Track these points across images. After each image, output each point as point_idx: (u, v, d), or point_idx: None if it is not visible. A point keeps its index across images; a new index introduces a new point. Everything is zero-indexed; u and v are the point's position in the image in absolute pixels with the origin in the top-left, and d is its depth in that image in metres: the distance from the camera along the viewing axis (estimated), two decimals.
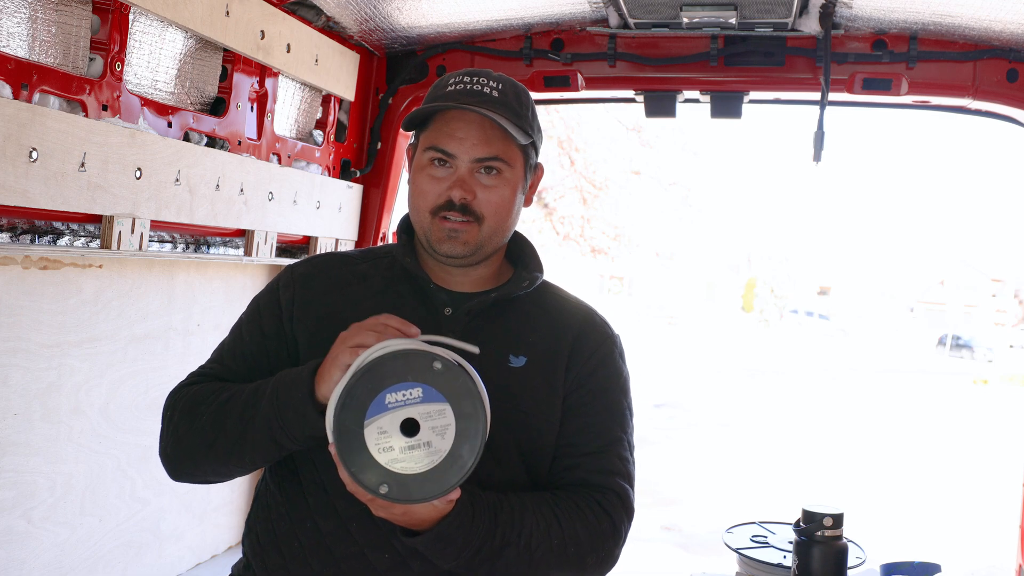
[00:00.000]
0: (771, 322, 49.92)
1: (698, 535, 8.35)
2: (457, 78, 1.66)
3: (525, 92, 1.70)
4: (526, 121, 1.67)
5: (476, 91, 1.63)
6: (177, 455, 1.60)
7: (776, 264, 53.79)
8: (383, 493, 1.32)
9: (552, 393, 1.67)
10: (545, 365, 1.68)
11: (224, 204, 2.35)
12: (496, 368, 1.62)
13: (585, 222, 20.25)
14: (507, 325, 1.69)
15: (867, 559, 2.43)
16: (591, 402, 1.69)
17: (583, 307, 1.80)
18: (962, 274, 55.76)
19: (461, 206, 1.61)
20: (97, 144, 1.87)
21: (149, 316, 2.34)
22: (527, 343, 1.68)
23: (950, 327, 45.31)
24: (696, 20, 2.62)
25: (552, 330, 1.71)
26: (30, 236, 1.89)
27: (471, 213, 1.62)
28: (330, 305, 1.67)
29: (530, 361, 1.67)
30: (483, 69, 1.70)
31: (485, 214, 1.63)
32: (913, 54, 2.72)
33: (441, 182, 1.62)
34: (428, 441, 1.33)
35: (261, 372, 1.64)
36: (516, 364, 1.66)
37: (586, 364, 1.70)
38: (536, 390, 1.66)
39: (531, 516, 1.54)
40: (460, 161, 1.61)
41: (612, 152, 19.50)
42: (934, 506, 10.12)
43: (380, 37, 2.87)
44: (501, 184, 1.63)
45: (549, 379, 1.67)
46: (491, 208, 1.63)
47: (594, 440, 1.67)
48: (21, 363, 1.92)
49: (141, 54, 2.07)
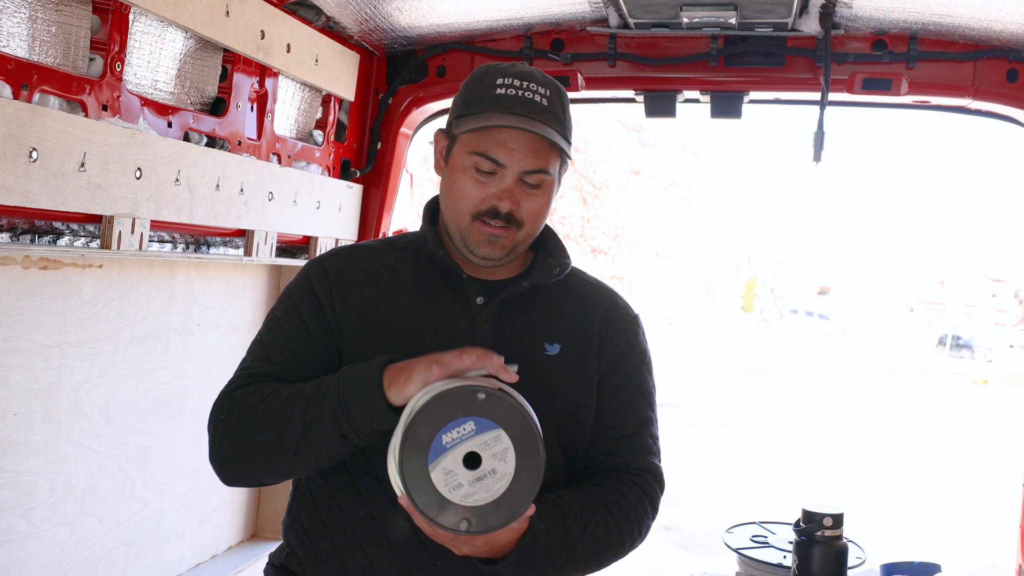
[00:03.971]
0: (771, 322, 49.93)
1: (698, 535, 8.35)
2: (506, 80, 1.63)
3: (565, 93, 1.70)
4: (568, 129, 1.68)
5: (528, 100, 1.62)
6: (234, 458, 1.58)
7: (776, 264, 53.81)
8: (465, 529, 1.37)
9: (587, 378, 1.73)
10: (578, 351, 1.73)
11: (224, 204, 2.35)
12: (533, 357, 1.68)
13: (585, 222, 20.26)
14: (539, 313, 1.73)
15: (867, 559, 2.42)
16: (623, 385, 1.76)
17: (606, 289, 1.85)
18: (962, 274, 55.76)
19: (506, 215, 1.63)
20: (97, 144, 1.87)
21: (149, 316, 2.34)
22: (559, 330, 1.73)
23: (950, 327, 45.32)
24: (696, 20, 2.62)
25: (581, 315, 1.76)
26: (30, 236, 1.89)
27: (513, 221, 1.64)
28: (366, 298, 1.68)
29: (564, 348, 1.72)
30: (529, 69, 1.67)
31: (525, 220, 1.66)
32: (913, 54, 2.72)
33: (486, 187, 1.63)
34: (493, 468, 1.39)
35: (313, 367, 1.64)
36: (551, 352, 1.71)
37: (616, 347, 1.77)
38: (572, 377, 1.71)
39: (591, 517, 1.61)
40: (508, 172, 1.63)
41: (612, 152, 19.51)
42: (934, 506, 10.12)
43: (380, 37, 2.87)
44: (543, 192, 1.67)
45: (583, 365, 1.73)
46: (531, 215, 1.66)
47: (629, 422, 1.76)
48: (21, 363, 1.92)
49: (141, 54, 2.07)
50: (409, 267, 1.73)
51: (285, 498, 2.99)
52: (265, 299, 2.87)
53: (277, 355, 1.66)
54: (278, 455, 1.54)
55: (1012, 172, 67.47)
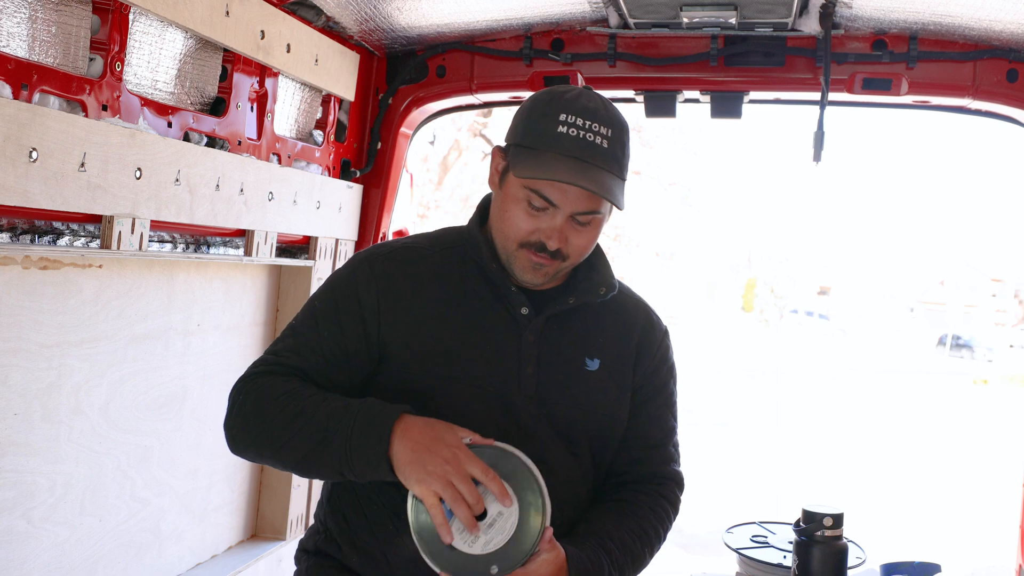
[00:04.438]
0: (771, 322, 49.92)
1: (698, 535, 8.35)
2: (569, 118, 1.62)
3: (626, 128, 1.68)
4: (625, 168, 1.68)
5: (588, 144, 1.61)
6: (242, 441, 1.66)
7: (776, 264, 53.80)
8: (496, 573, 1.49)
9: (622, 393, 1.80)
10: (616, 367, 1.80)
11: (224, 204, 2.35)
12: (576, 372, 1.76)
13: None
14: (581, 327, 1.78)
15: (867, 559, 2.42)
16: (654, 398, 1.85)
17: (642, 304, 1.92)
18: (962, 274, 55.76)
19: (554, 252, 1.66)
20: (97, 144, 1.87)
21: (149, 316, 2.34)
22: (599, 345, 1.79)
23: (950, 327, 45.32)
24: (696, 20, 2.62)
25: (620, 331, 1.83)
26: (30, 236, 1.89)
27: (559, 255, 1.67)
28: (415, 310, 1.70)
29: (603, 364, 1.78)
30: (594, 103, 1.65)
31: (571, 254, 1.69)
32: (913, 54, 2.72)
33: (536, 220, 1.65)
34: (499, 511, 1.50)
35: (341, 369, 1.69)
36: (592, 367, 1.77)
37: (651, 363, 1.85)
38: (609, 391, 1.78)
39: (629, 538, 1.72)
40: (560, 212, 1.64)
41: None
42: (934, 506, 10.12)
43: (380, 37, 2.87)
44: (591, 229, 1.69)
45: (620, 380, 1.80)
46: (578, 250, 1.69)
47: (657, 433, 1.85)
48: (21, 363, 1.92)
49: (141, 54, 2.07)
50: (456, 271, 1.75)
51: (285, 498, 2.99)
52: (265, 299, 2.87)
53: (307, 350, 1.70)
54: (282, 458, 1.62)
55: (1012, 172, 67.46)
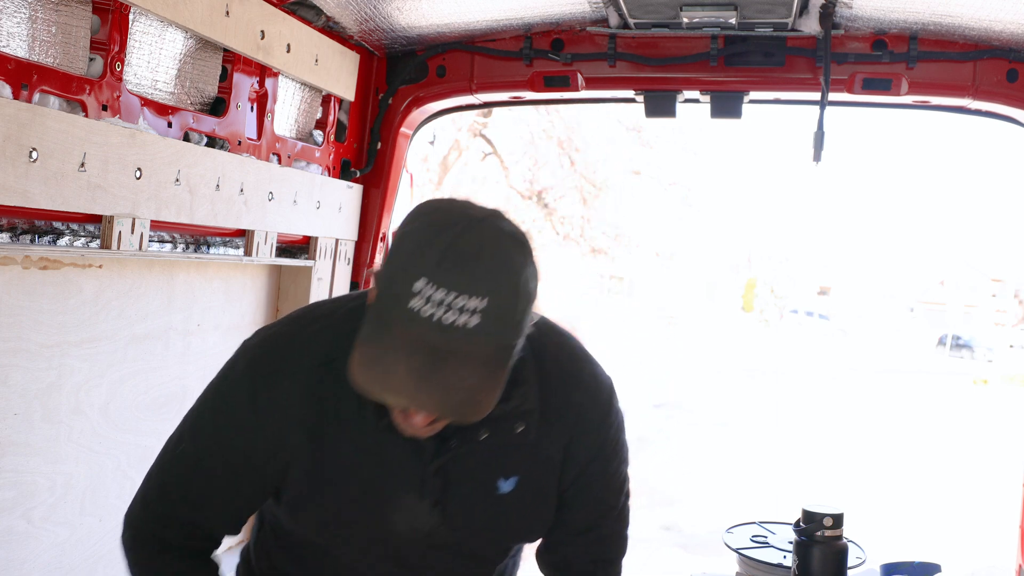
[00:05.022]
0: (771, 322, 49.90)
1: (698, 535, 8.35)
2: (427, 289, 1.25)
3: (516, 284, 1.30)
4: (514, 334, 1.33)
5: (447, 326, 1.25)
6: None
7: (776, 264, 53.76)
8: None
9: (546, 500, 1.60)
10: (538, 477, 1.57)
11: (224, 204, 2.35)
12: (486, 497, 1.55)
13: (585, 222, 20.25)
14: (495, 445, 1.52)
15: (867, 559, 2.42)
16: (587, 489, 1.63)
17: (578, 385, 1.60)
18: (962, 274, 55.76)
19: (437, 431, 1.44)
20: (97, 144, 1.87)
21: (149, 316, 2.34)
22: (516, 461, 1.55)
23: (950, 327, 45.31)
24: (696, 20, 2.62)
25: (547, 436, 1.55)
26: (30, 236, 1.89)
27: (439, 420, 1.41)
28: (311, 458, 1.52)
29: (522, 480, 1.56)
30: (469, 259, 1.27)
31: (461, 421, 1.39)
32: (913, 54, 2.72)
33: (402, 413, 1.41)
34: None
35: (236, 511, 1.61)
36: (505, 489, 1.55)
37: (585, 457, 1.60)
38: (527, 507, 1.58)
39: None
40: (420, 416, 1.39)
41: (612, 152, 19.50)
42: (934, 506, 10.12)
43: (380, 37, 2.87)
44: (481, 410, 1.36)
45: (543, 489, 1.59)
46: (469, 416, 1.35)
47: (592, 515, 1.67)
48: (21, 363, 1.92)
49: (141, 54, 2.07)
50: (355, 407, 1.49)
51: None
52: (265, 299, 2.88)
53: (198, 498, 1.56)
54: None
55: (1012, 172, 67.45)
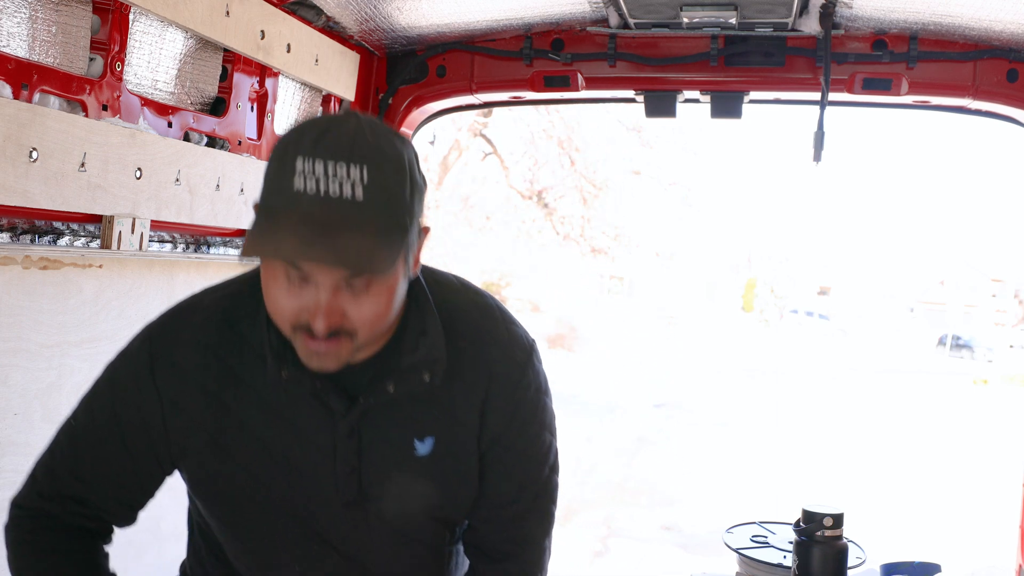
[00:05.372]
0: (771, 322, 49.90)
1: (698, 535, 8.35)
2: (308, 163, 1.25)
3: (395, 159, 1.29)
4: (402, 212, 1.31)
5: (334, 199, 1.24)
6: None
7: (776, 264, 53.76)
8: None
9: (466, 466, 1.53)
10: (456, 440, 1.51)
11: (224, 204, 2.35)
12: (401, 460, 1.48)
13: (585, 222, 20.26)
14: (408, 404, 1.47)
15: (867, 559, 2.42)
16: (505, 454, 1.55)
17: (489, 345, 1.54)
18: (962, 274, 55.76)
19: (332, 332, 1.32)
20: (97, 144, 1.87)
21: (149, 316, 2.32)
22: (431, 420, 1.49)
23: (950, 327, 45.31)
24: (696, 20, 2.62)
25: (459, 394, 1.50)
26: (30, 236, 1.89)
27: (342, 332, 1.33)
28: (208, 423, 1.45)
29: (438, 441, 1.49)
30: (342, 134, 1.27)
31: (359, 328, 1.34)
32: (913, 54, 2.72)
33: (299, 297, 1.31)
34: None
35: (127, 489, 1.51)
36: (423, 451, 1.49)
37: (501, 418, 1.52)
38: (448, 470, 1.51)
39: None
40: (321, 284, 1.30)
41: (612, 152, 19.51)
42: (934, 506, 10.12)
43: (380, 37, 2.87)
44: (376, 293, 1.33)
45: (462, 454, 1.52)
46: (366, 323, 1.34)
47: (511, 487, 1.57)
48: (21, 363, 1.92)
49: (141, 54, 2.07)
50: (254, 355, 1.45)
51: None
52: None
53: (87, 472, 1.48)
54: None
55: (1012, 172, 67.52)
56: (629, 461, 12.27)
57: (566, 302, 31.21)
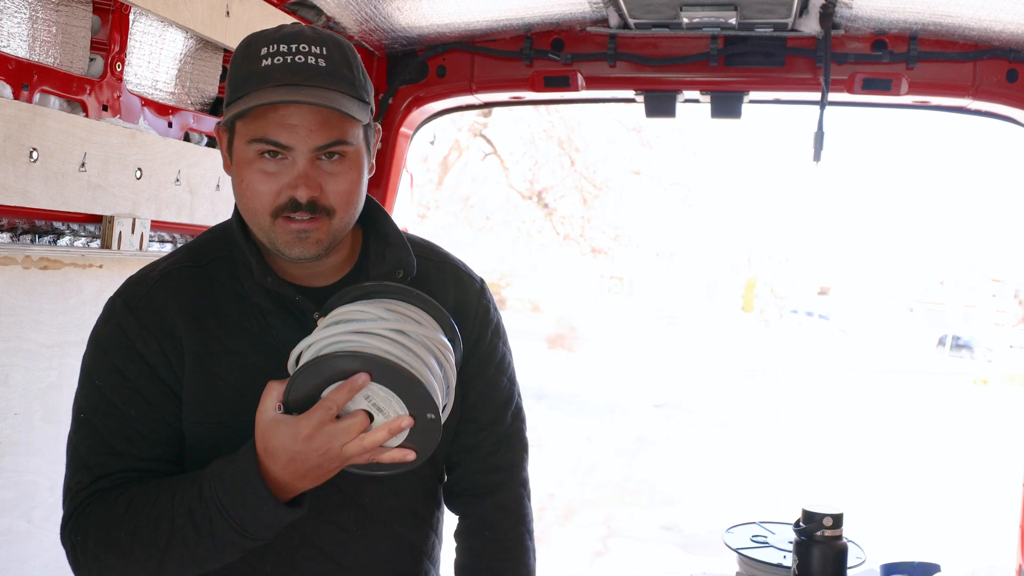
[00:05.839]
0: (771, 322, 49.92)
1: (698, 535, 8.36)
2: (272, 47, 1.40)
3: (350, 48, 1.47)
4: (360, 86, 1.46)
5: (300, 64, 1.39)
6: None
7: (776, 264, 53.78)
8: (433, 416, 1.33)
9: None
10: None
11: (225, 204, 2.35)
12: None
13: (585, 222, 20.28)
14: None
15: (867, 559, 2.43)
16: (482, 370, 1.65)
17: (446, 265, 1.67)
18: (962, 274, 55.78)
19: (309, 204, 1.41)
20: (97, 144, 1.88)
21: None
22: None
23: (950, 327, 45.33)
24: (696, 20, 2.62)
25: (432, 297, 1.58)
26: (30, 236, 1.90)
27: (320, 209, 1.42)
28: (201, 354, 1.48)
29: None
30: (298, 28, 1.43)
31: (335, 206, 1.43)
32: (913, 54, 2.72)
33: (277, 178, 1.41)
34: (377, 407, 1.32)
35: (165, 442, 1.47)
36: None
37: (470, 333, 1.62)
38: None
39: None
40: (298, 153, 1.40)
41: (612, 152, 19.53)
42: (934, 506, 10.13)
43: (380, 37, 2.87)
44: (347, 168, 1.44)
45: None
46: (341, 199, 1.44)
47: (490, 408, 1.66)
48: (22, 363, 1.92)
49: (141, 54, 2.07)
50: (230, 288, 1.50)
51: None
52: None
53: (121, 442, 1.45)
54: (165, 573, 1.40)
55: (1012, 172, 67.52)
56: (629, 461, 12.28)
57: (566, 302, 31.24)
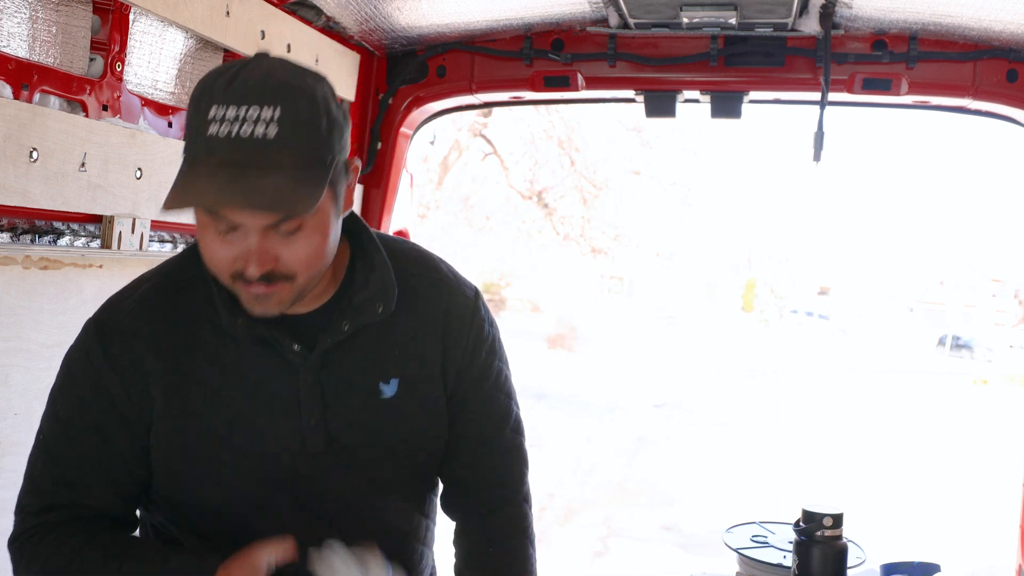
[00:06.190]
0: (771, 322, 49.91)
1: (698, 535, 8.36)
2: (219, 109, 1.25)
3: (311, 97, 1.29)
4: (319, 146, 1.30)
5: (245, 140, 1.24)
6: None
7: (776, 264, 53.76)
8: None
9: (435, 405, 1.55)
10: (421, 379, 1.53)
11: None
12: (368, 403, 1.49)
13: (585, 222, 20.26)
14: (367, 345, 1.49)
15: (867, 559, 2.42)
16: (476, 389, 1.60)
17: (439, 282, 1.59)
18: (962, 274, 55.77)
19: (264, 276, 1.32)
20: (97, 144, 1.88)
21: None
22: (393, 360, 1.50)
23: (950, 327, 45.32)
24: (696, 20, 2.62)
25: (418, 331, 1.53)
26: (30, 236, 1.90)
27: (278, 276, 1.34)
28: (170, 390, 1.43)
29: (403, 382, 1.50)
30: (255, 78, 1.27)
31: (296, 271, 1.34)
32: (913, 54, 2.72)
33: (231, 245, 1.31)
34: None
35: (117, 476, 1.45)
36: (389, 393, 1.50)
37: (463, 355, 1.57)
38: (415, 412, 1.52)
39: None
40: (249, 228, 1.29)
41: (612, 152, 19.52)
42: (934, 506, 10.13)
43: (380, 37, 2.87)
44: (307, 234, 1.33)
45: (428, 393, 1.54)
46: (302, 264, 1.34)
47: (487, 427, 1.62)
48: (22, 363, 1.92)
49: (141, 54, 2.07)
50: (205, 318, 1.44)
51: None
52: None
53: (73, 472, 1.43)
54: None
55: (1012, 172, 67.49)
56: (629, 461, 12.28)
57: (566, 302, 31.22)
